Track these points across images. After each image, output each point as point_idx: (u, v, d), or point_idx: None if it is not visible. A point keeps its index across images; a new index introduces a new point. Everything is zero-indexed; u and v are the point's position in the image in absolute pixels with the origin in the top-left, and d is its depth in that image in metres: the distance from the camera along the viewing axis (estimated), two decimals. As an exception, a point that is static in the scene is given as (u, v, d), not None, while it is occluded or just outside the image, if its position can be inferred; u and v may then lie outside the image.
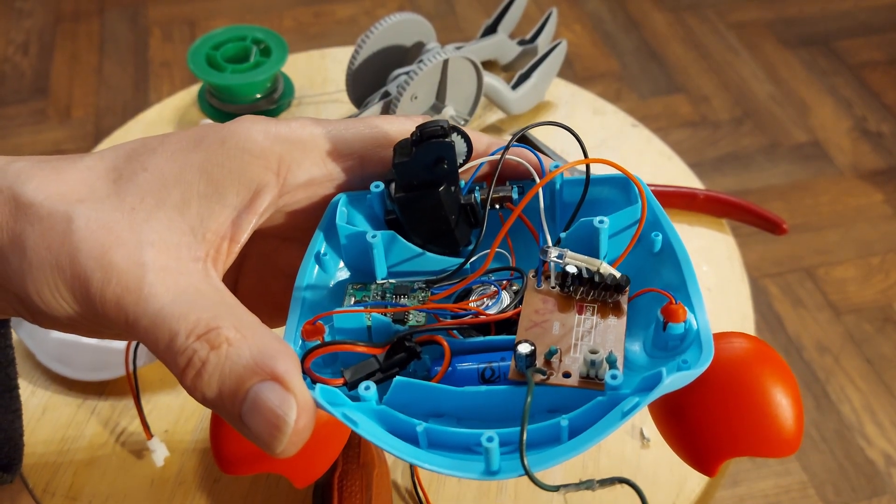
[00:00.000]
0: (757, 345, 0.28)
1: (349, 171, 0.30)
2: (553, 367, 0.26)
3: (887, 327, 1.20)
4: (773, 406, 0.26)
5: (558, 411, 0.25)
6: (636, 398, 0.23)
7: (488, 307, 0.28)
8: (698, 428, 0.27)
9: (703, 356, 0.25)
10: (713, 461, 0.27)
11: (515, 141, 0.30)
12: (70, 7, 1.76)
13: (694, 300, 0.27)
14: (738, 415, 0.26)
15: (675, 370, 0.24)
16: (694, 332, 0.26)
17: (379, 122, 0.31)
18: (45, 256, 0.26)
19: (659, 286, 0.28)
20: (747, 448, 0.26)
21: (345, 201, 0.30)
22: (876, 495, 1.04)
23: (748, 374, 0.27)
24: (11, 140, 1.48)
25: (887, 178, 1.41)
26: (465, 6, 1.75)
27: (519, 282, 0.29)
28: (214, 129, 0.29)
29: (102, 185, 0.27)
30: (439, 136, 0.28)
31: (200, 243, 0.27)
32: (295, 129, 0.29)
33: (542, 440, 0.24)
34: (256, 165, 0.28)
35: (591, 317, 0.27)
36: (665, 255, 0.29)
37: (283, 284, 0.32)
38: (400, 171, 0.29)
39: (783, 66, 1.62)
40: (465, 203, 0.30)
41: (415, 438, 0.25)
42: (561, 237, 0.30)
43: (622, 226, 0.29)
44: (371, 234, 0.29)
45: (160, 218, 0.27)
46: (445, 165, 0.28)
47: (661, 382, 0.23)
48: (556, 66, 0.71)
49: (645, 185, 0.29)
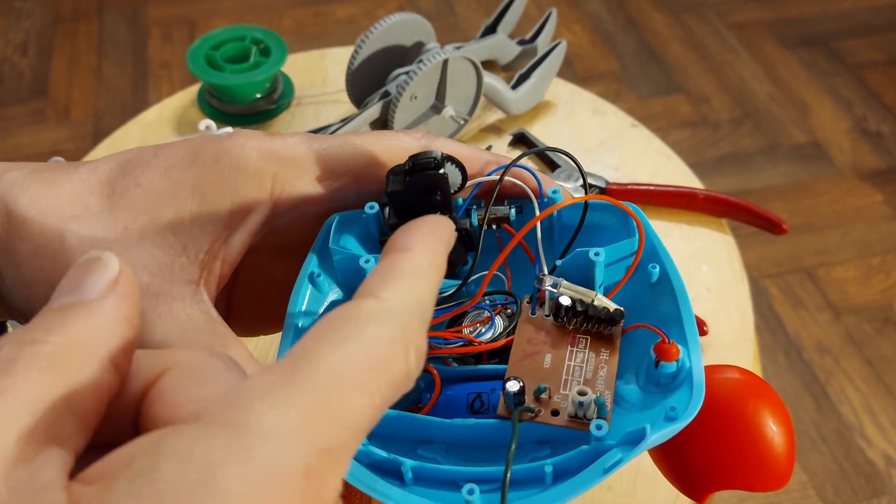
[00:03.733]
0: (750, 379, 0.29)
1: (344, 189, 0.30)
2: (542, 404, 0.26)
3: (887, 328, 1.20)
4: (764, 443, 0.27)
5: (546, 443, 0.26)
6: (619, 453, 0.24)
7: (482, 333, 0.28)
8: (688, 459, 0.28)
9: (692, 404, 0.25)
10: (702, 492, 0.28)
11: (513, 160, 0.30)
12: (69, 7, 1.75)
13: (689, 336, 0.27)
14: (728, 450, 0.27)
15: (661, 422, 0.25)
16: (686, 371, 0.26)
17: (375, 138, 0.30)
18: (39, 275, 0.26)
19: (655, 318, 0.28)
20: (736, 482, 0.27)
21: (338, 223, 0.30)
22: (876, 496, 1.04)
23: (740, 409, 0.28)
24: (10, 140, 1.47)
25: (887, 179, 1.41)
26: (465, 6, 1.75)
27: (514, 306, 0.29)
28: (209, 144, 0.29)
29: (95, 201, 0.27)
30: (432, 169, 0.28)
31: (193, 264, 0.27)
32: (290, 147, 0.29)
33: (525, 479, 0.25)
34: (250, 185, 0.28)
35: (584, 349, 0.27)
36: (662, 287, 0.28)
37: (278, 295, 0.31)
38: (393, 199, 0.29)
39: (783, 67, 1.62)
40: (460, 228, 0.30)
41: (400, 475, 0.25)
42: (557, 264, 0.29)
43: (620, 255, 0.29)
44: (364, 258, 0.29)
45: (153, 238, 0.27)
46: (438, 197, 0.28)
47: (645, 439, 0.24)
48: (556, 66, 0.71)
49: (643, 217, 0.29)
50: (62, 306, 0.18)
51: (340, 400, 0.16)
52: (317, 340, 0.17)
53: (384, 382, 0.17)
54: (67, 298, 0.18)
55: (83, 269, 0.19)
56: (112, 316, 0.18)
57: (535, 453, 0.27)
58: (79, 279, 0.19)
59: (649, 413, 0.26)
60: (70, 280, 0.19)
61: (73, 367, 0.17)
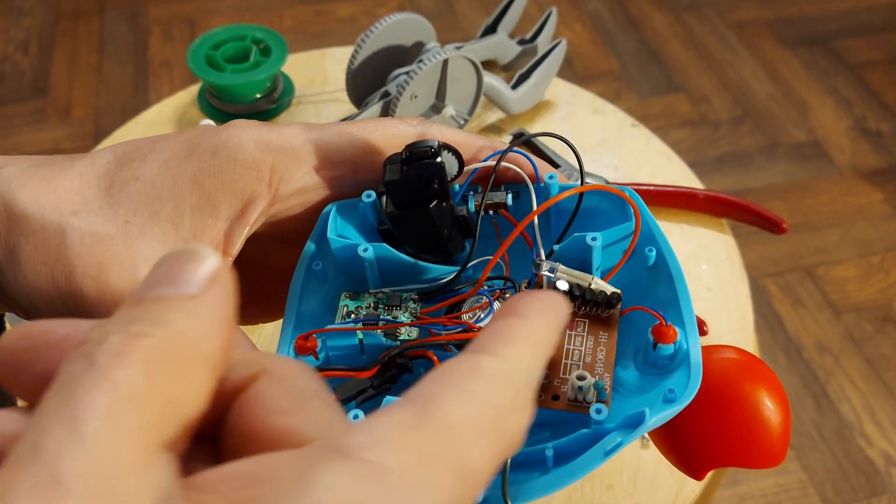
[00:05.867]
0: (746, 358, 0.29)
1: (341, 178, 0.30)
2: (543, 388, 0.26)
3: (887, 327, 1.20)
4: (760, 422, 0.28)
5: (547, 426, 0.26)
6: (619, 437, 0.24)
7: (480, 319, 0.28)
8: (687, 437, 0.28)
9: (690, 385, 0.25)
10: (700, 469, 0.29)
11: (508, 146, 0.30)
12: (70, 6, 1.75)
13: (686, 318, 0.27)
14: (725, 429, 0.28)
15: (659, 404, 0.25)
16: (683, 352, 0.26)
17: (372, 126, 0.30)
18: (41, 270, 0.26)
19: (653, 300, 0.28)
20: (733, 460, 0.28)
21: (336, 212, 0.30)
22: (875, 495, 1.04)
23: (736, 389, 0.28)
24: (11, 139, 1.48)
25: (887, 178, 1.41)
26: (465, 6, 1.75)
27: (512, 291, 0.29)
28: (206, 136, 0.29)
29: (94, 195, 0.27)
30: (429, 157, 0.28)
31: None
32: (287, 137, 0.29)
33: (527, 462, 0.25)
34: (248, 176, 0.28)
35: (582, 333, 0.28)
36: (659, 270, 0.29)
37: (277, 283, 0.32)
38: (390, 189, 0.29)
39: (783, 66, 1.62)
40: (457, 215, 0.30)
41: None
42: (554, 249, 0.30)
43: (617, 238, 0.29)
44: (363, 247, 0.29)
45: (154, 232, 0.27)
46: (436, 185, 0.28)
47: (644, 423, 0.24)
48: (556, 66, 0.71)
49: (639, 201, 0.29)
50: (159, 297, 0.16)
51: (468, 454, 0.16)
52: (444, 389, 0.17)
53: (502, 442, 0.17)
54: (165, 290, 0.17)
55: (180, 260, 0.17)
56: (214, 314, 0.17)
57: (536, 436, 0.27)
58: (176, 270, 0.17)
59: (648, 396, 0.26)
60: (165, 270, 0.17)
61: (181, 364, 0.16)
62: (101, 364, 0.15)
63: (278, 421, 0.17)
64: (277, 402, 0.18)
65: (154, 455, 0.15)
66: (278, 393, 0.18)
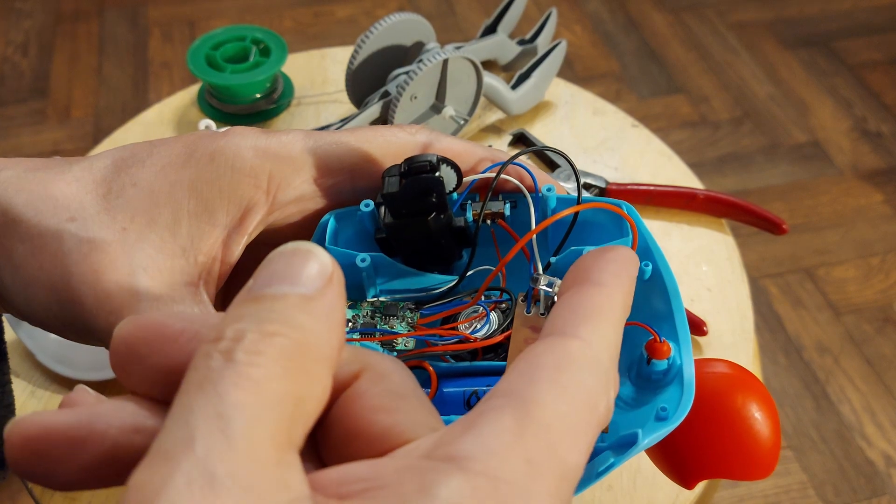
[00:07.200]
0: (737, 372, 0.30)
1: (339, 186, 0.30)
2: None
3: (887, 327, 1.20)
4: (750, 435, 0.28)
5: None
6: (611, 457, 0.24)
7: (477, 330, 0.28)
8: (677, 449, 0.29)
9: (683, 403, 0.25)
10: (691, 479, 0.29)
11: (508, 159, 0.30)
12: (69, 7, 1.76)
13: (680, 333, 0.27)
14: (715, 441, 0.29)
15: (652, 422, 0.25)
16: (677, 367, 0.26)
17: (371, 135, 0.30)
18: (38, 276, 0.26)
19: (648, 314, 0.28)
20: (723, 471, 0.29)
21: (334, 221, 0.30)
22: (875, 496, 1.04)
23: (727, 402, 0.29)
24: (11, 140, 1.48)
25: (887, 178, 1.41)
26: (465, 6, 1.75)
27: (509, 302, 0.29)
28: (204, 142, 0.28)
29: (92, 201, 0.27)
30: (427, 171, 0.28)
31: (193, 266, 0.27)
32: (285, 145, 0.29)
33: None
34: (246, 184, 0.28)
35: None
36: (655, 284, 0.29)
37: None
38: (388, 201, 0.29)
39: (783, 67, 1.62)
40: (455, 226, 0.30)
41: None
42: (551, 261, 0.30)
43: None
44: (360, 257, 0.29)
45: (152, 240, 0.27)
46: (434, 198, 0.28)
47: (637, 444, 0.24)
48: (556, 67, 0.71)
49: (636, 216, 0.29)
50: (279, 295, 0.16)
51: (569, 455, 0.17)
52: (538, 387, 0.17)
53: (595, 427, 0.18)
54: (284, 287, 0.17)
55: (295, 258, 0.17)
56: (333, 315, 0.17)
57: None
58: (293, 269, 0.17)
59: (641, 411, 0.27)
60: (281, 267, 0.17)
61: (309, 364, 0.16)
62: (240, 362, 0.15)
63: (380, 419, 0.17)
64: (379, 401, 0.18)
65: (287, 454, 0.15)
66: (379, 391, 0.18)
